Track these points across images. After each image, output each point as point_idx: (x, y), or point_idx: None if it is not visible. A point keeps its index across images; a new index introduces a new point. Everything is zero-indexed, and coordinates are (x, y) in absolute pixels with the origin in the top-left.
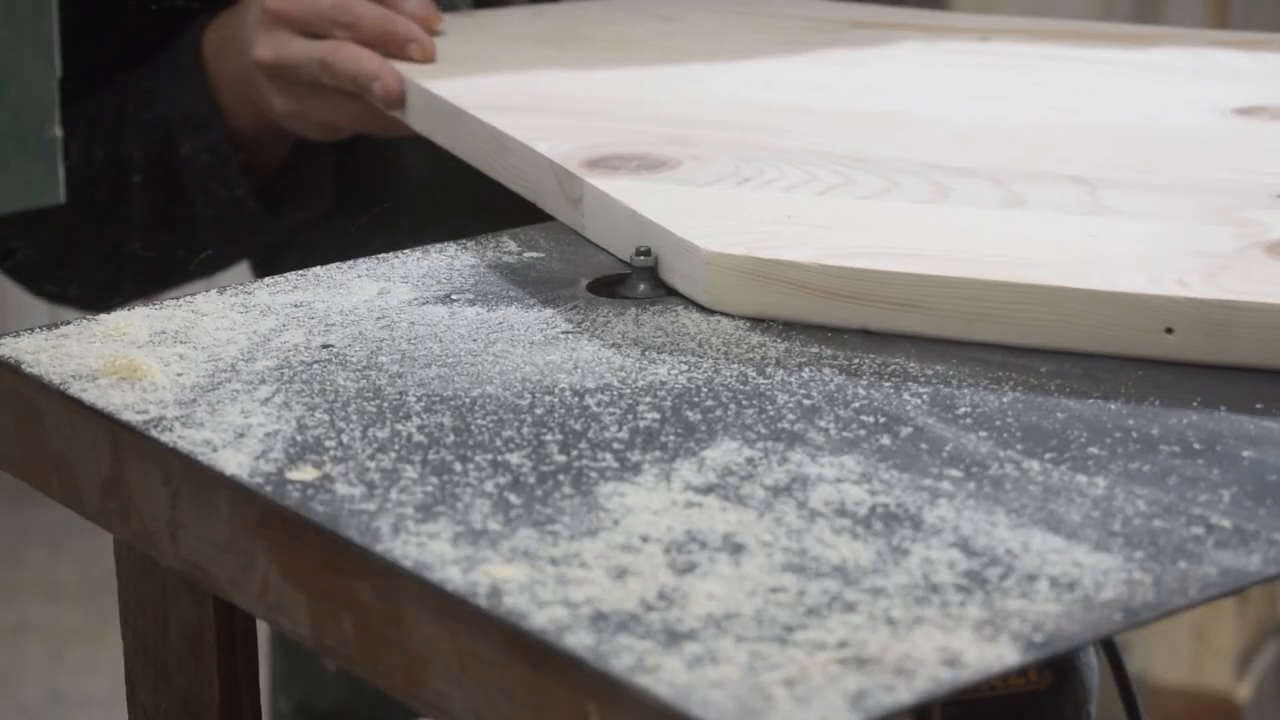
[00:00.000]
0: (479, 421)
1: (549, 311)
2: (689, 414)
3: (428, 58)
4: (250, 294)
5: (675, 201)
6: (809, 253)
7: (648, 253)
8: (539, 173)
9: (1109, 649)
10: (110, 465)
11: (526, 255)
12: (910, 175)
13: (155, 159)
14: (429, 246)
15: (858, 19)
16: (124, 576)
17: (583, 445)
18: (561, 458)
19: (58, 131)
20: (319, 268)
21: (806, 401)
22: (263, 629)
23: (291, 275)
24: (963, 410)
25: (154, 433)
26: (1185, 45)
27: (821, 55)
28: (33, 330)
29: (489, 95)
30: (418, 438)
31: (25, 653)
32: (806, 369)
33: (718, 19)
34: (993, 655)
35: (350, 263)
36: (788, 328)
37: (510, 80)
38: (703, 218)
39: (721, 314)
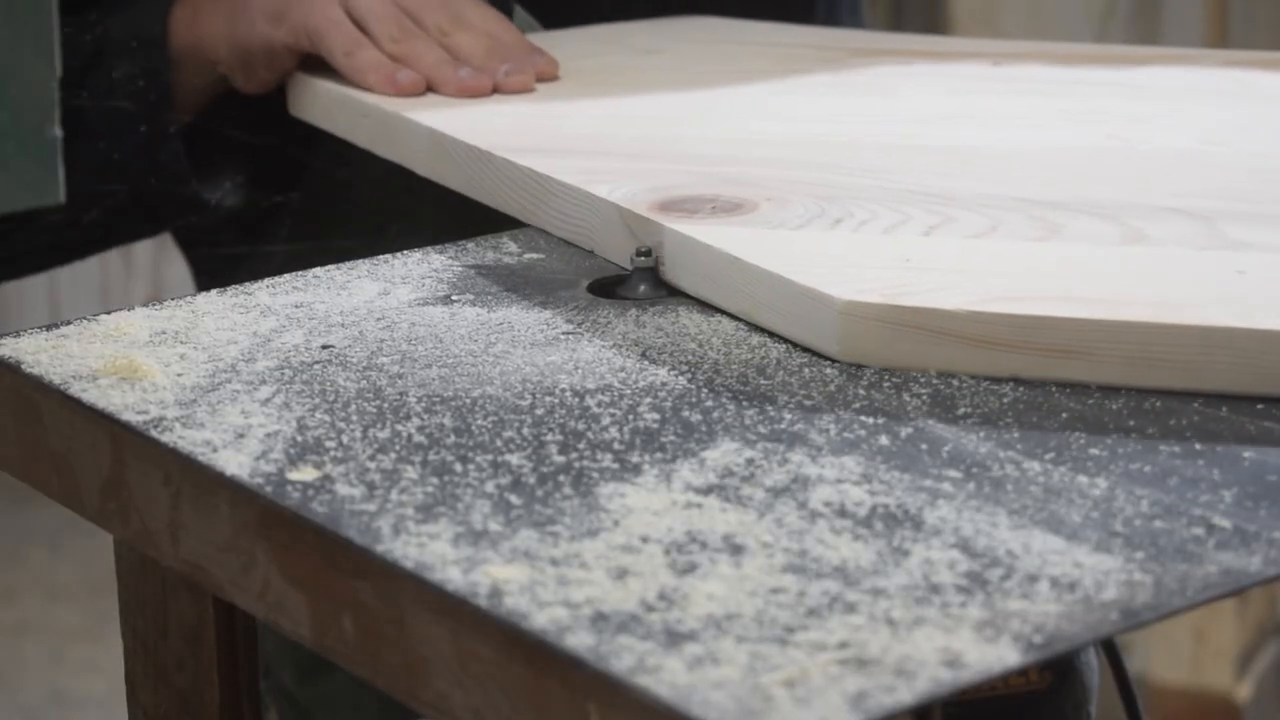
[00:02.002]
0: (479, 422)
1: (549, 312)
2: (689, 414)
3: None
4: (250, 294)
5: (774, 247)
6: (953, 299)
7: (648, 253)
8: (599, 219)
9: (1109, 649)
10: (110, 465)
11: (527, 256)
12: (1010, 212)
13: (72, 79)
14: (429, 248)
15: (849, 46)
16: (124, 576)
17: (583, 446)
18: (562, 458)
19: (58, 131)
20: (319, 269)
21: (807, 402)
22: None
23: (292, 276)
24: (963, 411)
25: (154, 433)
26: (1201, 66)
27: (837, 85)
28: (33, 330)
29: (504, 135)
30: (418, 438)
31: (25, 653)
32: (806, 369)
33: (700, 49)
34: (993, 656)
35: (351, 263)
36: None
37: (516, 117)
38: (813, 263)
39: (857, 364)
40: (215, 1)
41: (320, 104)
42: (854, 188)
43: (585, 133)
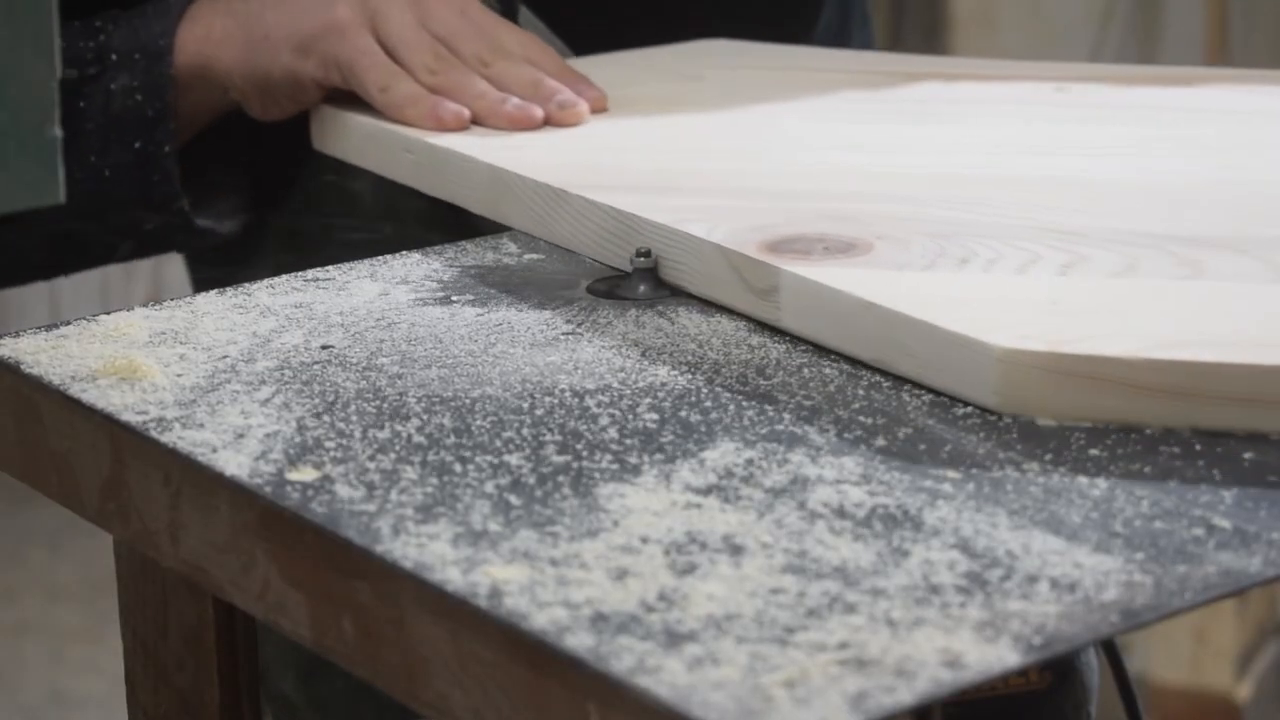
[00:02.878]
0: (479, 422)
1: (549, 313)
2: (689, 415)
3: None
4: (250, 295)
5: (907, 290)
6: (1122, 345)
7: (648, 254)
8: (698, 260)
9: (1109, 649)
10: (110, 466)
11: (527, 257)
12: (1143, 249)
13: (68, 87)
14: (429, 248)
15: (886, 69)
16: (124, 576)
17: (582, 446)
18: (561, 459)
19: (58, 131)
20: (318, 269)
21: (806, 403)
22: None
23: (291, 276)
24: (962, 411)
25: (154, 433)
26: (1268, 86)
27: (896, 112)
28: (33, 330)
29: (572, 171)
30: (418, 439)
31: (25, 653)
32: (806, 370)
33: (739, 75)
34: (993, 656)
35: (350, 264)
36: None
37: (576, 152)
38: (956, 307)
39: (1017, 415)
40: (229, 22)
41: (352, 139)
42: (965, 223)
43: (656, 167)
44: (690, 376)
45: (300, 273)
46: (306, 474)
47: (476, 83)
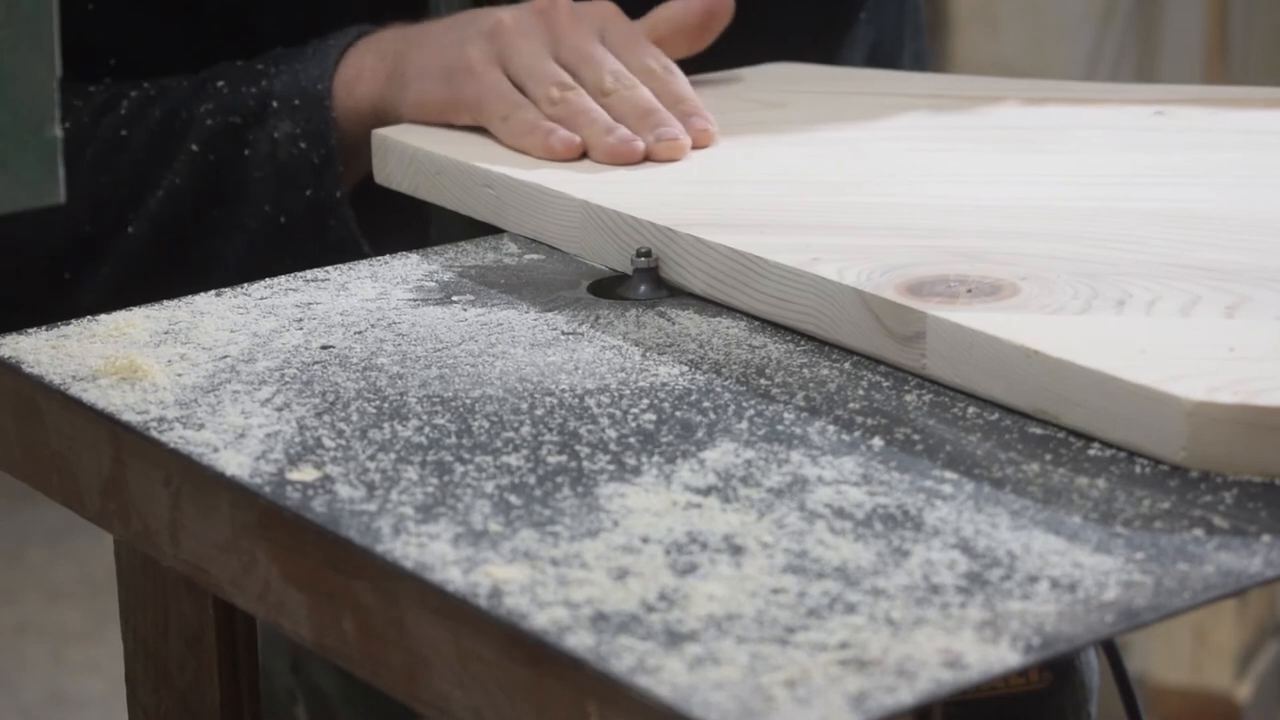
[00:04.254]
0: (479, 422)
1: (549, 312)
2: (689, 415)
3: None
4: (250, 295)
5: (1069, 335)
6: None
7: (648, 254)
8: (828, 302)
9: (1109, 649)
10: (110, 465)
11: (527, 257)
12: None
13: (234, 135)
14: (429, 248)
15: (958, 92)
16: (124, 576)
17: (583, 446)
18: (562, 459)
19: (58, 131)
20: (318, 269)
21: (806, 403)
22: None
23: (290, 276)
24: (962, 411)
25: (154, 433)
26: None
27: (996, 140)
28: (33, 330)
29: (673, 207)
30: (418, 439)
31: (25, 653)
32: (806, 370)
33: (818, 100)
34: (994, 656)
35: (350, 264)
36: (784, 328)
37: (672, 184)
38: (1132, 357)
39: (1205, 470)
40: (378, 63)
41: (423, 174)
42: (1109, 261)
43: (764, 203)
44: (690, 377)
45: (300, 273)
46: (307, 474)
47: (591, 112)
